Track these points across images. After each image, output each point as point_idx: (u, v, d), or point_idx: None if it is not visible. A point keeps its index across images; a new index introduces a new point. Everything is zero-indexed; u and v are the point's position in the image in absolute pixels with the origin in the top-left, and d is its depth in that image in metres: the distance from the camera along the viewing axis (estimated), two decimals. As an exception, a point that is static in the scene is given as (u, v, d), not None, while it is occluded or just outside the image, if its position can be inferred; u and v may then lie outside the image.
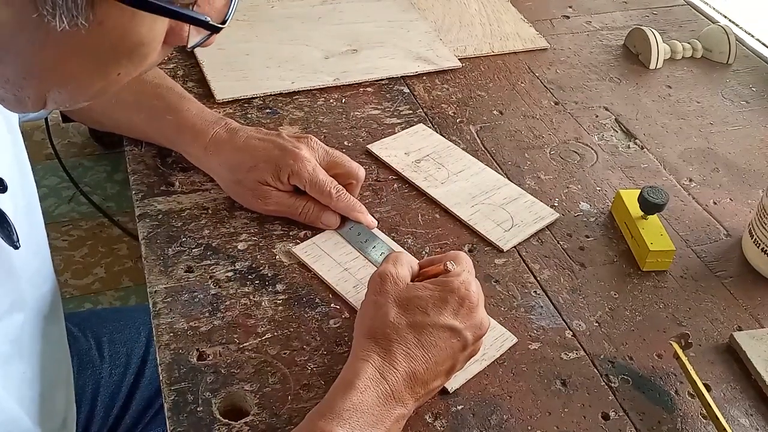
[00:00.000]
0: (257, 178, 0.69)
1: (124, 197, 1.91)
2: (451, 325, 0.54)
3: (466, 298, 0.55)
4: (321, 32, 0.98)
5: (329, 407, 0.51)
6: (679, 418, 0.58)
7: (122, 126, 0.78)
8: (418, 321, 0.54)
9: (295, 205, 0.69)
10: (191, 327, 0.61)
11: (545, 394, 0.59)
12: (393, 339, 0.54)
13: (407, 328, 0.54)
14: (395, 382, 0.52)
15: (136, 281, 1.71)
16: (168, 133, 0.74)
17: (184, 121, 0.73)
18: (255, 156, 0.69)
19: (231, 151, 0.70)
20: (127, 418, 0.83)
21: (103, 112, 0.77)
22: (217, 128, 0.72)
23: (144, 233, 0.69)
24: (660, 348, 0.63)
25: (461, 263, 0.58)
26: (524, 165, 0.81)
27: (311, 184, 0.68)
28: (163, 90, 0.75)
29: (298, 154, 0.68)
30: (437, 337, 0.54)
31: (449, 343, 0.54)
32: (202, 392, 0.56)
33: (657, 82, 0.97)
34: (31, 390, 0.65)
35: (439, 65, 0.94)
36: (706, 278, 0.70)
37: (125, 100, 0.75)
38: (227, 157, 0.70)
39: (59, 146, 1.94)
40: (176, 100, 0.74)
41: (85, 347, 0.84)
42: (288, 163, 0.68)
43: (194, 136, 0.72)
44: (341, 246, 0.69)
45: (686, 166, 0.83)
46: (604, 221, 0.75)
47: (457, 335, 0.55)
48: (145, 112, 0.74)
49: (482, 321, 0.56)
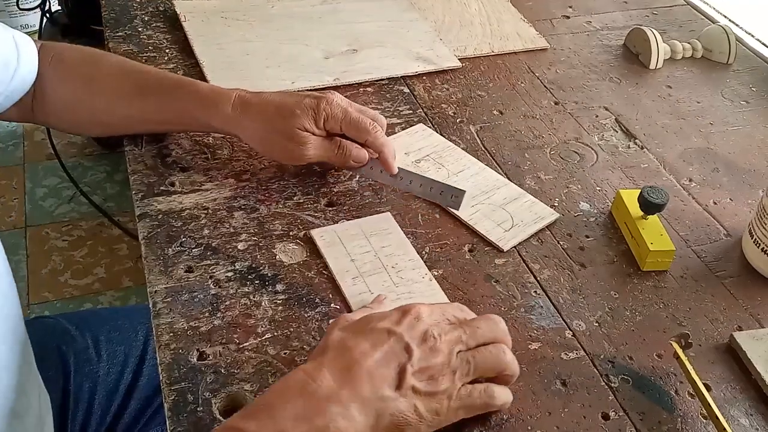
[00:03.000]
0: (296, 124, 0.70)
1: (124, 197, 1.91)
2: (387, 327, 0.53)
3: (408, 311, 0.54)
4: (321, 32, 0.98)
5: (246, 408, 0.50)
6: (679, 418, 0.58)
7: (133, 120, 0.77)
8: (354, 327, 0.54)
9: (331, 147, 0.72)
10: (191, 327, 0.61)
11: (545, 394, 0.59)
12: (326, 350, 0.52)
13: (342, 335, 0.53)
14: (322, 379, 0.50)
15: (136, 281, 1.71)
16: (186, 106, 0.74)
17: (200, 91, 0.74)
18: (290, 104, 0.71)
19: (262, 104, 0.72)
20: (125, 418, 0.83)
21: (107, 109, 0.77)
22: (237, 91, 0.73)
23: (144, 233, 0.69)
24: (660, 348, 0.63)
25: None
26: (524, 165, 0.81)
27: (348, 122, 0.71)
28: (163, 74, 0.76)
29: (331, 98, 0.71)
30: (372, 338, 0.52)
31: (388, 345, 0.52)
32: (202, 392, 0.56)
33: (657, 82, 0.97)
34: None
35: (439, 65, 0.94)
36: (706, 278, 0.70)
37: (127, 93, 0.75)
38: (260, 110, 0.72)
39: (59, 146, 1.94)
40: (180, 78, 0.76)
41: (83, 346, 0.83)
42: (323, 107, 0.71)
43: (216, 100, 0.73)
44: (359, 238, 0.69)
45: (686, 166, 0.83)
46: (604, 221, 0.75)
47: (396, 338, 0.52)
48: (154, 96, 0.75)
49: (427, 331, 0.53)
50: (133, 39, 0.95)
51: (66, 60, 0.78)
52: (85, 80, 0.77)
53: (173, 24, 0.98)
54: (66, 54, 0.79)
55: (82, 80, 0.77)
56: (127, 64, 0.79)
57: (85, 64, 0.78)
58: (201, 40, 0.94)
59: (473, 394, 0.53)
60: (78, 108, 0.78)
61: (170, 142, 0.79)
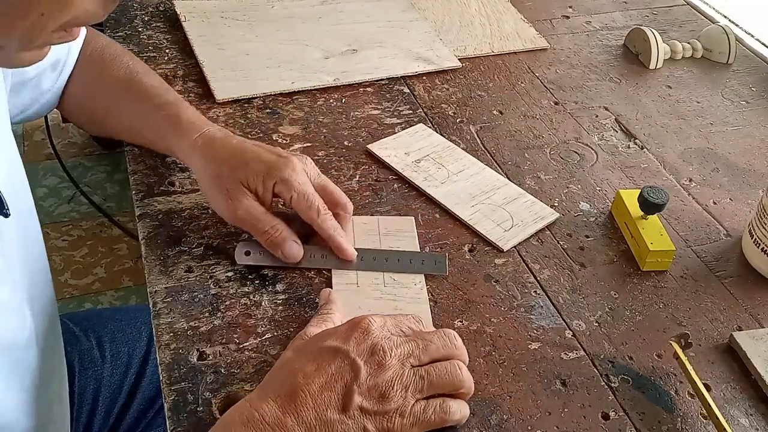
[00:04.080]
0: (240, 176, 0.64)
1: (124, 197, 1.91)
2: (335, 346, 0.51)
3: (357, 324, 0.52)
4: (321, 32, 0.98)
5: None
6: (679, 418, 0.58)
7: (120, 129, 0.77)
8: (300, 346, 0.53)
9: (263, 220, 0.64)
10: (191, 327, 0.61)
11: (545, 394, 0.59)
12: (275, 374, 0.52)
13: (289, 356, 0.52)
14: (266, 409, 0.48)
15: (136, 281, 1.72)
16: (161, 126, 0.71)
17: (181, 116, 0.70)
18: (247, 154, 0.65)
19: (223, 146, 0.67)
20: (128, 418, 0.83)
21: (103, 117, 0.78)
22: (214, 128, 0.70)
23: (144, 233, 0.69)
24: (660, 348, 0.63)
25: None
26: (524, 165, 0.81)
27: (299, 195, 0.63)
28: (162, 90, 0.74)
29: (296, 165, 0.65)
30: (319, 358, 0.51)
31: (334, 366, 0.50)
32: (202, 392, 0.56)
33: (657, 82, 0.97)
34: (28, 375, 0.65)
35: (439, 65, 0.94)
36: (706, 278, 0.70)
37: (121, 106, 0.75)
38: (216, 150, 0.66)
39: (59, 146, 1.94)
40: (173, 99, 0.73)
41: (86, 347, 0.84)
42: (279, 169, 0.63)
43: (187, 129, 0.69)
44: (371, 234, 0.70)
45: (686, 166, 0.83)
46: (604, 221, 0.75)
47: (342, 356, 0.50)
48: (144, 113, 0.73)
49: (377, 345, 0.51)
50: (133, 39, 0.95)
51: (81, 60, 0.78)
52: (88, 88, 0.78)
53: (173, 24, 0.98)
54: (82, 54, 0.79)
55: (86, 87, 0.78)
56: (126, 77, 0.76)
57: (92, 71, 0.78)
58: (201, 40, 0.94)
59: (428, 410, 0.51)
60: (83, 108, 0.79)
61: (170, 142, 0.79)
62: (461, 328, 0.63)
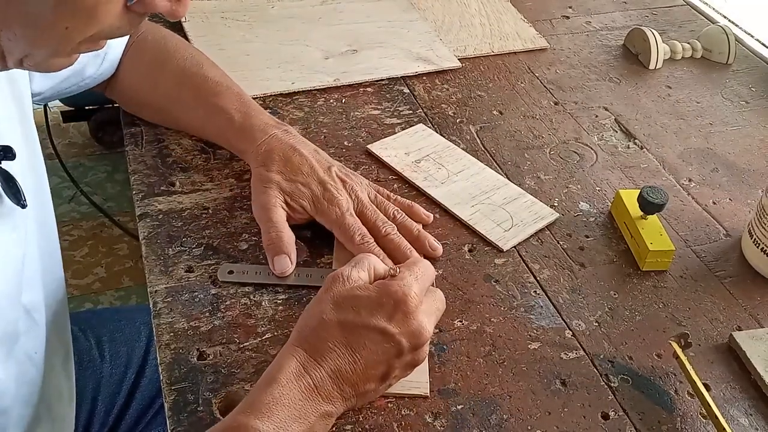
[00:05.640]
0: (285, 188, 0.68)
1: (124, 197, 1.91)
2: (382, 327, 0.53)
3: (401, 303, 0.53)
4: (321, 32, 0.98)
5: (250, 402, 0.50)
6: (679, 418, 0.58)
7: (184, 125, 0.79)
8: (349, 320, 0.53)
9: (273, 219, 0.66)
10: (191, 327, 0.61)
11: (545, 394, 0.59)
12: (321, 336, 0.52)
13: (337, 326, 0.53)
14: (320, 378, 0.51)
15: (136, 281, 1.72)
16: (224, 129, 0.74)
17: (243, 120, 0.73)
18: (299, 177, 0.69)
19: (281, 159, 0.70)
20: (127, 418, 0.83)
21: (164, 108, 0.78)
22: (277, 131, 0.72)
23: (144, 233, 0.69)
24: (660, 348, 0.63)
25: (411, 269, 0.56)
26: (524, 165, 0.81)
27: (336, 227, 0.67)
28: (218, 86, 0.75)
29: (338, 201, 0.68)
30: (367, 339, 0.52)
31: (381, 347, 0.53)
32: (202, 392, 0.56)
33: (657, 82, 0.97)
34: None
35: (439, 65, 0.94)
36: (705, 278, 0.70)
37: (181, 101, 0.76)
38: (276, 163, 0.69)
39: (59, 146, 1.94)
40: (226, 101, 0.74)
41: (86, 347, 0.84)
42: (320, 212, 0.68)
43: (250, 136, 0.71)
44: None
45: (686, 166, 0.83)
46: (603, 221, 0.75)
47: (389, 339, 0.53)
48: (202, 110, 0.75)
49: (420, 329, 0.53)
50: (133, 39, 0.95)
51: (141, 49, 0.79)
52: (149, 79, 0.78)
53: (173, 24, 0.98)
54: (141, 43, 0.79)
55: (147, 78, 0.78)
56: (189, 70, 0.77)
57: (153, 62, 0.79)
58: (201, 40, 0.94)
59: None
60: (141, 99, 0.80)
61: (171, 142, 0.79)
62: (461, 328, 0.63)
